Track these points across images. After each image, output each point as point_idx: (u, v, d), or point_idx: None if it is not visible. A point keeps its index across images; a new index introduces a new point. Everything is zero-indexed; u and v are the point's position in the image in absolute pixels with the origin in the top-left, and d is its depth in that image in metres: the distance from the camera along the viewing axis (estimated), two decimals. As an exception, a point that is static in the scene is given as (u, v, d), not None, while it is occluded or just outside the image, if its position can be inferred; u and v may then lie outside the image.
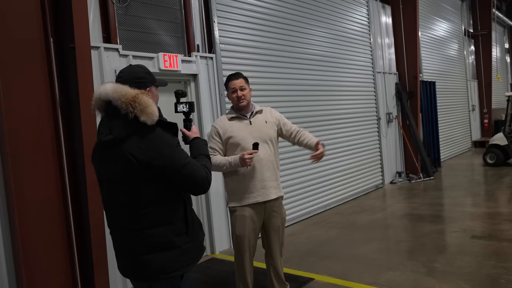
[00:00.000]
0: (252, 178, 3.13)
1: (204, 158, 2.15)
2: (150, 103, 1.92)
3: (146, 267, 1.99)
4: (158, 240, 1.97)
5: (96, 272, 3.58)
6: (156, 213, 1.96)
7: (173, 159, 1.92)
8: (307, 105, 6.64)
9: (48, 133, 3.44)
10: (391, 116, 8.94)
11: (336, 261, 4.42)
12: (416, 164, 9.13)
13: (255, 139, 3.13)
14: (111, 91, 1.94)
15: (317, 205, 6.68)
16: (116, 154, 1.93)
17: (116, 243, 2.11)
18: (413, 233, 5.21)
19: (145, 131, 1.90)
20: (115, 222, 2.07)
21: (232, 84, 3.20)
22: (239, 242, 3.19)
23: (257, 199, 3.14)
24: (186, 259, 2.04)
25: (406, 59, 9.34)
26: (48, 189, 3.41)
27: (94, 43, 3.92)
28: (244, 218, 3.15)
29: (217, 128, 3.21)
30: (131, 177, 1.92)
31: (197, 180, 1.98)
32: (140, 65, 2.16)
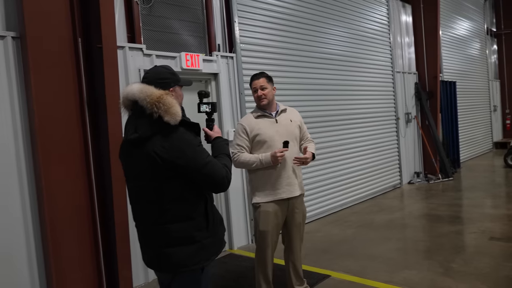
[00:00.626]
0: (278, 175, 3.20)
1: (225, 157, 2.21)
2: (173, 103, 1.98)
3: (168, 260, 2.07)
4: (179, 234, 2.04)
5: (120, 265, 3.71)
6: (178, 209, 2.03)
7: (194, 158, 1.98)
8: (326, 104, 6.66)
9: (76, 130, 3.58)
10: (410, 116, 8.87)
11: (352, 259, 4.46)
12: (435, 165, 9.03)
13: (281, 137, 3.20)
14: (137, 91, 2.02)
15: (334, 204, 6.70)
16: (142, 152, 2.01)
17: (141, 237, 2.20)
18: (431, 233, 5.19)
19: (169, 130, 1.97)
20: (140, 216, 2.15)
21: (254, 83, 3.28)
22: (263, 237, 3.24)
23: (282, 195, 3.21)
24: (206, 253, 2.11)
25: (426, 58, 9.24)
26: (75, 184, 3.56)
27: (119, 43, 4.04)
28: (268, 214, 3.21)
29: (244, 125, 3.27)
30: (156, 174, 2.00)
31: (217, 179, 2.05)
32: (165, 65, 2.22)
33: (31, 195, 3.47)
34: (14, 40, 3.41)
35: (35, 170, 3.45)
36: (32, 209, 3.47)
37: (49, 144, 3.38)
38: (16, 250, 3.38)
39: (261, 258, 3.30)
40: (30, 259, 3.46)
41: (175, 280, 2.14)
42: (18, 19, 3.42)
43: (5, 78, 3.37)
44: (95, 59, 3.72)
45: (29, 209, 3.46)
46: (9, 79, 3.39)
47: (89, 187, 3.65)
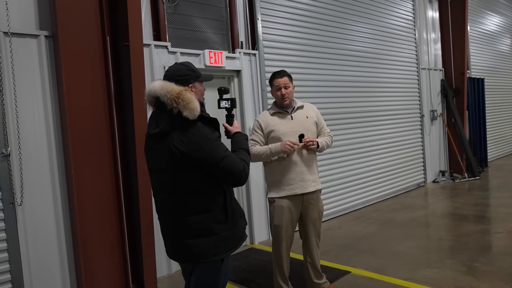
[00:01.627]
0: (292, 171, 3.25)
1: (243, 152, 2.26)
2: (192, 99, 2.05)
3: (188, 251, 2.15)
4: (198, 226, 2.11)
5: (144, 254, 3.84)
6: (198, 201, 2.10)
7: (211, 153, 2.04)
8: (349, 101, 6.64)
9: (104, 125, 3.72)
10: (435, 113, 8.71)
11: (373, 256, 4.45)
12: (461, 163, 8.84)
13: (296, 133, 3.25)
14: (159, 88, 2.10)
15: (356, 201, 6.68)
16: (162, 146, 2.09)
17: (162, 228, 2.29)
18: (454, 232, 5.12)
19: (187, 125, 2.04)
20: (162, 208, 2.24)
21: (277, 82, 3.31)
22: (277, 232, 3.32)
23: (295, 191, 3.25)
24: (225, 245, 2.17)
25: (453, 55, 9.03)
26: (103, 176, 3.70)
27: (145, 41, 4.16)
28: (282, 209, 3.27)
29: (259, 122, 3.35)
30: (176, 167, 2.07)
31: (234, 173, 2.09)
32: (185, 62, 2.29)
33: (61, 186, 3.63)
34: (47, 38, 3.57)
35: (66, 163, 3.61)
36: (62, 200, 3.64)
37: (79, 139, 3.53)
38: (47, 238, 3.56)
39: (276, 252, 3.36)
40: (61, 247, 3.62)
41: (195, 269, 2.21)
42: (50, 18, 3.57)
43: (38, 76, 3.54)
44: (122, 57, 3.85)
45: (60, 199, 3.62)
46: (42, 77, 3.55)
47: (115, 179, 3.79)
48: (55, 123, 3.61)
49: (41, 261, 3.51)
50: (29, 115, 3.49)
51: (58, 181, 3.61)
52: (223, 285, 2.28)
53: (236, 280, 4.01)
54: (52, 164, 3.59)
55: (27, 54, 3.48)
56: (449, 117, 9.05)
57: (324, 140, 3.38)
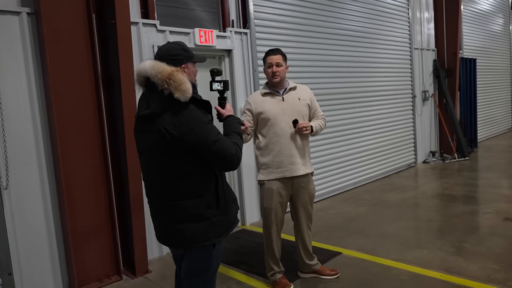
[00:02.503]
0: (281, 154, 3.21)
1: (235, 136, 2.21)
2: (184, 80, 1.98)
3: (178, 236, 2.11)
4: (189, 211, 2.07)
5: (135, 236, 3.82)
6: (188, 186, 2.06)
7: (203, 136, 1.98)
8: (340, 81, 6.58)
9: (91, 105, 3.63)
10: (427, 94, 8.71)
11: (364, 237, 4.49)
12: (451, 144, 8.90)
13: (286, 115, 3.20)
14: (149, 68, 2.02)
15: (347, 182, 6.70)
16: (153, 128, 2.02)
17: (152, 212, 2.25)
18: (444, 213, 5.17)
19: (179, 107, 1.97)
20: (152, 192, 2.19)
21: (270, 58, 3.25)
22: (267, 214, 3.31)
23: (284, 174, 3.23)
24: (217, 231, 2.14)
25: (446, 34, 8.98)
26: (91, 158, 3.63)
27: (133, 19, 4.03)
28: (271, 192, 3.25)
29: (249, 102, 3.30)
30: (166, 150, 2.02)
31: (226, 156, 2.04)
32: (178, 42, 2.21)
33: (48, 168, 3.56)
34: (29, 16, 3.43)
35: (52, 144, 3.53)
36: (49, 182, 3.57)
37: (65, 120, 3.45)
38: (35, 221, 3.50)
39: (267, 234, 3.37)
40: (49, 230, 3.58)
41: (186, 254, 2.19)
42: (32, -6, 3.43)
43: (21, 54, 3.41)
44: (109, 35, 3.73)
45: (47, 181, 3.55)
46: (25, 55, 3.43)
47: (104, 160, 3.72)
48: (40, 103, 3.51)
49: (29, 244, 3.47)
50: (13, 95, 3.37)
51: (44, 164, 3.54)
52: (215, 269, 2.27)
53: (228, 261, 4.02)
54: (38, 146, 3.50)
55: (9, 32, 3.34)
56: (441, 98, 9.05)
57: (318, 124, 3.34)
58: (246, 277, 3.69)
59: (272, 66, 3.22)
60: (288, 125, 3.20)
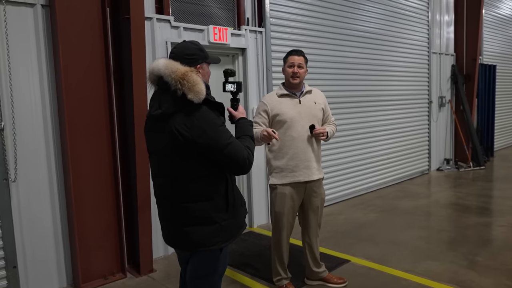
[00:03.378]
0: (296, 158, 3.18)
1: (247, 139, 2.19)
2: (198, 81, 1.97)
3: (186, 239, 2.11)
4: (198, 214, 2.07)
5: (140, 234, 3.83)
6: (198, 188, 2.05)
7: (215, 139, 1.97)
8: (355, 84, 6.52)
9: (102, 101, 3.64)
10: (443, 100, 8.59)
11: (374, 244, 4.44)
12: (467, 152, 8.78)
13: (302, 118, 3.17)
14: (163, 67, 2.01)
15: (358, 187, 6.65)
16: (164, 129, 2.01)
17: (160, 213, 2.24)
18: (457, 223, 5.10)
19: (192, 108, 1.96)
20: (161, 192, 2.19)
21: (292, 58, 3.23)
22: (278, 219, 3.28)
23: (299, 178, 3.20)
24: (224, 235, 2.13)
25: (466, 39, 8.83)
26: (100, 154, 3.65)
27: (147, 14, 4.02)
28: (284, 196, 3.22)
29: (265, 103, 3.25)
30: (177, 151, 2.01)
31: (238, 160, 2.03)
32: (194, 41, 2.19)
33: (57, 164, 3.58)
34: (44, 8, 3.44)
35: (62, 140, 3.54)
36: (58, 178, 3.59)
37: (76, 115, 3.46)
38: (42, 216, 3.53)
39: (276, 239, 3.34)
40: (55, 225, 3.60)
41: (193, 257, 2.18)
42: (47, -14, 3.44)
43: (34, 47, 3.43)
44: (123, 30, 3.73)
45: (55, 177, 3.57)
46: (38, 49, 3.44)
47: (113, 158, 3.73)
48: (51, 98, 3.52)
49: (35, 239, 3.49)
50: (24, 88, 3.40)
51: (53, 159, 3.56)
52: (220, 273, 2.26)
53: (234, 264, 4.01)
54: (47, 141, 3.52)
55: (23, 24, 3.36)
56: (458, 104, 8.93)
57: (331, 129, 3.33)
58: (251, 281, 3.68)
59: (294, 66, 3.20)
60: (304, 128, 3.18)
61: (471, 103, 8.87)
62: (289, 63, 3.23)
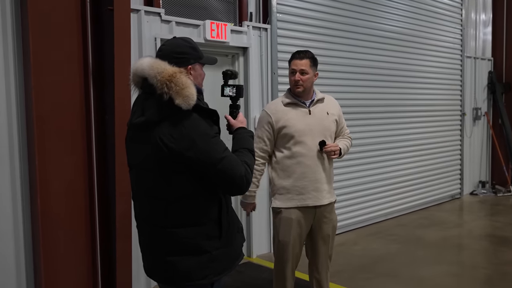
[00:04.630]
0: (304, 178, 3.16)
1: (246, 153, 2.17)
2: (188, 84, 1.95)
3: (170, 270, 2.08)
4: (185, 241, 2.04)
5: (118, 264, 3.79)
6: (186, 210, 2.03)
7: (207, 151, 1.95)
8: (375, 92, 6.55)
9: (78, 104, 3.65)
10: (479, 112, 8.61)
11: (394, 281, 4.41)
12: (506, 174, 8.76)
13: (313, 132, 3.16)
14: (147, 67, 2.01)
15: (376, 213, 6.62)
16: (148, 139, 2.00)
17: (141, 239, 2.22)
18: (493, 259, 5.07)
19: (179, 116, 1.95)
20: (142, 214, 2.17)
21: (294, 63, 3.20)
22: (282, 249, 3.24)
23: (307, 202, 3.18)
24: (216, 267, 2.10)
25: (506, 42, 8.89)
26: (74, 167, 3.64)
27: (134, 5, 4.05)
28: (290, 222, 3.19)
29: (269, 114, 3.22)
30: (161, 166, 2.00)
31: (233, 177, 2.01)
32: (186, 38, 2.19)
33: (22, 177, 3.56)
34: (12, -2, 3.48)
35: (29, 147, 3.54)
36: (23, 193, 3.57)
37: (46, 119, 3.44)
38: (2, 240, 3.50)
39: (279, 272, 3.30)
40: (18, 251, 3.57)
41: (179, 294, 2.15)
42: (17, -28, 3.48)
43: (0, 42, 3.44)
44: (105, 24, 3.75)
45: (19, 192, 3.55)
46: (5, 42, 3.45)
47: (89, 171, 3.72)
48: (19, 100, 3.52)
49: (-7, 267, 3.46)
50: (-13, 89, 3.41)
51: (18, 172, 3.53)
52: (211, 313, 2.22)
53: (227, 301, 3.97)
54: (12, 151, 3.50)
55: (-12, 14, 3.39)
56: (496, 117, 8.96)
57: (345, 145, 3.31)
58: (248, 322, 3.64)
59: (296, 73, 3.17)
60: (314, 143, 3.15)
61: (511, 116, 8.87)
62: (291, 69, 3.21)
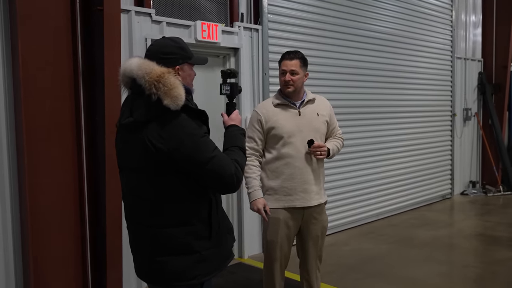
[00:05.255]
0: (293, 179, 3.16)
1: (236, 151, 2.18)
2: (176, 84, 1.96)
3: (159, 271, 2.08)
4: (174, 241, 2.04)
5: (109, 266, 3.77)
6: (175, 211, 2.03)
7: (196, 152, 1.96)
8: (366, 93, 6.56)
9: (67, 104, 3.64)
10: (469, 112, 8.67)
11: (385, 281, 4.41)
12: (496, 174, 8.82)
13: (302, 133, 3.15)
14: (135, 67, 2.00)
15: (367, 213, 6.64)
16: (136, 140, 2.00)
17: (131, 239, 2.22)
18: (484, 258, 5.11)
19: (168, 116, 1.95)
20: (132, 215, 2.17)
21: (284, 64, 3.20)
22: (270, 249, 3.25)
23: (294, 203, 3.18)
24: (206, 267, 2.10)
25: (496, 43, 8.97)
26: (63, 167, 3.62)
27: (124, 6, 4.04)
28: (277, 222, 3.19)
29: (259, 114, 3.22)
30: (150, 167, 2.00)
31: (223, 176, 2.01)
32: (175, 38, 2.18)
33: (11, 177, 3.53)
34: (1, -5, 3.45)
35: (18, 150, 3.51)
36: (12, 197, 3.54)
37: (35, 119, 3.42)
38: (-9, 242, 3.47)
39: (268, 272, 3.31)
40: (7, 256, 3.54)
41: (168, 295, 2.14)
42: (5, -30, 3.45)
43: (-12, 41, 3.42)
44: (94, 24, 3.73)
45: (8, 195, 3.52)
46: (-6, 42, 3.44)
47: (78, 172, 3.71)
48: (7, 101, 3.49)
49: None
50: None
51: (7, 173, 3.51)
52: (201, 313, 2.22)
53: (219, 302, 3.96)
54: (1, 152, 3.48)
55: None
56: (486, 118, 9.02)
57: (335, 145, 3.30)
58: (239, 323, 3.64)
59: (286, 73, 3.17)
60: (303, 145, 3.15)
61: (501, 116, 8.95)
62: (281, 69, 3.21)
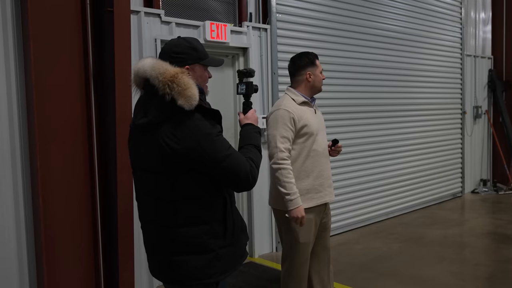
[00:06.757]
0: (322, 176, 3.19)
1: (251, 149, 2.18)
2: (190, 84, 1.96)
3: (176, 270, 2.08)
4: (190, 241, 2.04)
5: (121, 264, 3.79)
6: (191, 210, 2.03)
7: (211, 151, 1.96)
8: (375, 91, 6.55)
9: (78, 107, 3.65)
10: (479, 110, 8.62)
11: (396, 280, 4.40)
12: (507, 172, 8.76)
13: (322, 131, 3.25)
14: (149, 68, 2.01)
15: (377, 212, 6.62)
16: (151, 140, 2.01)
17: (146, 239, 2.23)
18: (496, 256, 5.07)
19: (182, 116, 1.96)
20: (146, 215, 2.18)
21: (319, 63, 3.33)
22: (303, 250, 3.15)
23: (325, 199, 3.21)
24: (222, 265, 2.10)
25: (506, 40, 8.90)
26: (75, 169, 3.64)
27: (133, 7, 4.07)
28: (310, 223, 3.14)
29: (291, 112, 3.09)
30: (165, 167, 2.00)
31: (239, 174, 2.02)
32: (189, 38, 2.17)
33: (24, 179, 3.57)
34: (13, -1, 3.49)
35: (31, 150, 3.55)
36: (25, 196, 3.58)
37: (47, 122, 3.45)
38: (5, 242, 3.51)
39: (298, 275, 3.19)
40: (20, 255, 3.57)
41: (184, 294, 2.15)
42: (18, -26, 3.49)
43: (1, 42, 3.45)
44: (105, 25, 3.76)
45: (22, 195, 3.56)
46: (6, 41, 3.46)
47: (90, 173, 3.73)
48: (20, 100, 3.53)
49: (-5, 269, 3.47)
50: (-12, 91, 3.42)
51: (20, 173, 3.55)
52: (216, 313, 2.23)
53: (230, 301, 3.97)
54: (14, 153, 3.52)
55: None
56: (496, 116, 8.97)
57: None
58: (251, 322, 3.65)
59: (322, 72, 3.31)
60: (325, 142, 3.25)
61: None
62: (320, 68, 3.31)
